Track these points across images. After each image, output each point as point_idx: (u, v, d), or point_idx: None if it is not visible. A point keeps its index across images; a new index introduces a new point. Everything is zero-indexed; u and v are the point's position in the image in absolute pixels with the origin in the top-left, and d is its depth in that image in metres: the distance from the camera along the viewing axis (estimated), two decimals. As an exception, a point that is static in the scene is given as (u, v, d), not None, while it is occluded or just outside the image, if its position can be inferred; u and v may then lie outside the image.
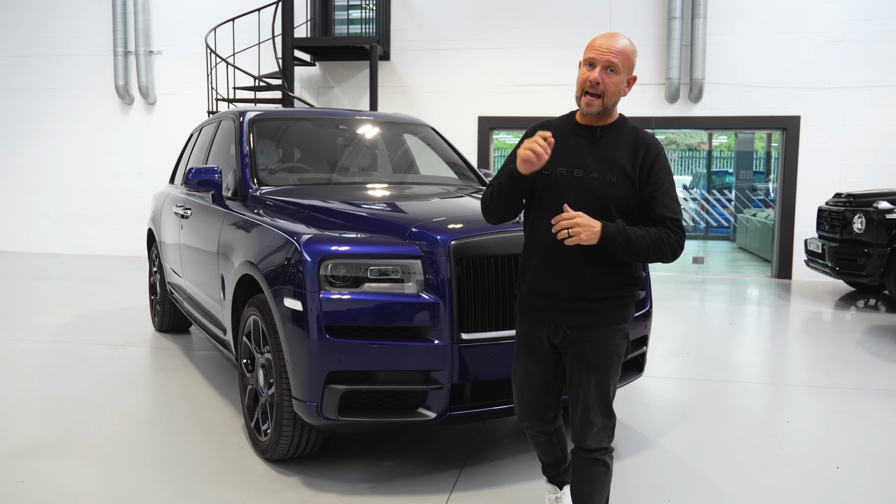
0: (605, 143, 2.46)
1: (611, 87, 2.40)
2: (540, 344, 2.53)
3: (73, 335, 6.14)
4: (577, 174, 2.43)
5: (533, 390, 2.61)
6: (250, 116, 4.80)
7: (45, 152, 11.89)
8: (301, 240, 3.23)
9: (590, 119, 2.48)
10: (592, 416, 2.46)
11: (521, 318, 2.61)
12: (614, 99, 2.42)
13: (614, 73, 2.40)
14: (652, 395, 4.73)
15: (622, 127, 2.50)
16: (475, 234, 3.21)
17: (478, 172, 5.18)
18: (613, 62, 2.39)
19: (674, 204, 2.44)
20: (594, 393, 2.45)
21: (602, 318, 2.45)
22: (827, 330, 6.88)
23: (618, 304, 2.48)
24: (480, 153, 10.76)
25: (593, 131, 2.48)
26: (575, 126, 2.53)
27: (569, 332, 2.46)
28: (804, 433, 4.09)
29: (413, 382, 3.14)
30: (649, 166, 2.43)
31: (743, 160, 17.69)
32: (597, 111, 2.42)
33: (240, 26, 10.22)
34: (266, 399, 3.52)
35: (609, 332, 2.46)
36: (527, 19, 10.50)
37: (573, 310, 2.45)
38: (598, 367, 2.44)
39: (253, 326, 3.63)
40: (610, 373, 2.46)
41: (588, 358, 2.44)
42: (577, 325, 2.45)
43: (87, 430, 3.97)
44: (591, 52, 2.42)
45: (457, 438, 3.89)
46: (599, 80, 2.39)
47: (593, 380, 2.44)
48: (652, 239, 2.37)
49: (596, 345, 2.45)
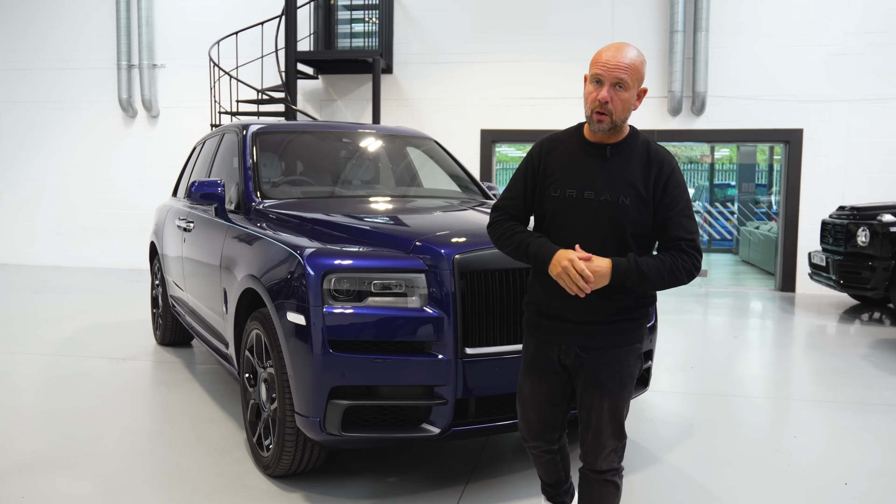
0: (616, 162, 2.35)
1: (620, 105, 2.28)
2: (549, 363, 2.47)
3: (74, 348, 6.12)
4: (587, 196, 2.33)
5: (539, 410, 2.54)
6: (254, 129, 4.79)
7: (48, 165, 11.91)
8: (304, 253, 3.21)
9: (600, 136, 2.36)
10: (604, 439, 2.41)
11: (529, 336, 2.53)
12: (625, 115, 2.31)
13: (623, 90, 2.27)
14: (657, 410, 4.69)
15: (633, 143, 2.39)
16: (479, 248, 3.19)
17: (481, 185, 5.17)
18: (622, 78, 2.26)
19: (690, 223, 2.34)
20: (607, 415, 2.39)
21: (616, 339, 2.39)
22: (831, 343, 6.84)
23: (631, 325, 2.41)
24: (483, 166, 10.76)
25: (603, 150, 2.37)
26: (583, 143, 2.40)
27: (581, 354, 2.39)
28: (811, 449, 4.05)
29: (417, 398, 3.12)
30: (663, 185, 2.33)
31: (745, 173, 17.71)
32: (607, 128, 2.31)
33: (243, 40, 10.26)
34: (268, 414, 3.49)
35: (623, 353, 2.40)
36: (529, 32, 10.53)
37: (585, 332, 2.38)
38: (611, 389, 2.39)
39: (255, 341, 3.61)
40: (623, 394, 2.41)
41: (601, 380, 2.38)
42: (589, 346, 2.38)
43: (88, 444, 3.95)
44: (597, 68, 2.28)
45: (461, 454, 3.85)
46: (608, 99, 2.26)
47: (606, 402, 2.38)
48: (667, 268, 2.28)
49: (609, 366, 2.38)
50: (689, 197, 2.40)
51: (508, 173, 19.90)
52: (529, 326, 2.53)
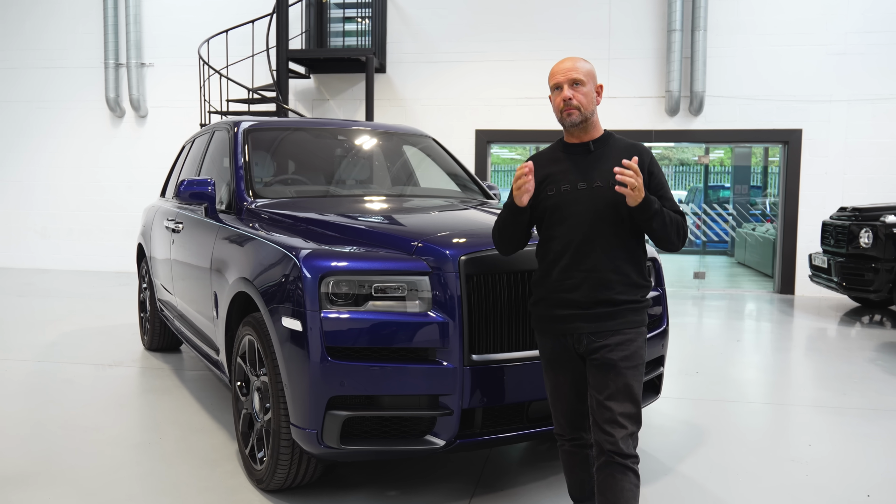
0: (600, 154, 2.61)
1: (583, 98, 2.57)
2: (566, 355, 2.60)
3: (59, 354, 5.90)
4: (580, 187, 2.56)
5: (566, 400, 2.66)
6: (245, 126, 4.60)
7: (35, 166, 11.66)
8: (300, 255, 3.03)
9: (579, 135, 2.63)
10: (621, 419, 2.46)
11: (542, 334, 2.67)
12: (591, 107, 2.59)
13: (581, 86, 2.58)
14: (665, 417, 4.53)
15: (611, 139, 2.67)
16: (486, 249, 3.02)
17: (481, 184, 4.99)
18: (576, 77, 2.57)
19: (673, 201, 2.63)
20: (622, 395, 2.47)
21: (624, 321, 2.53)
22: (837, 347, 6.70)
23: (636, 307, 2.57)
24: (478, 167, 10.59)
25: (586, 146, 2.63)
26: (567, 147, 2.67)
27: (593, 339, 2.52)
28: (828, 458, 3.89)
29: (420, 408, 2.94)
30: (648, 169, 2.59)
31: (740, 175, 17.59)
32: (578, 120, 2.58)
33: (233, 38, 10.06)
34: (262, 425, 3.30)
35: (632, 334, 2.54)
36: (525, 31, 10.38)
37: (595, 316, 2.52)
38: (623, 368, 2.49)
39: (248, 347, 3.42)
40: (635, 374, 2.51)
41: (614, 359, 2.49)
42: (600, 330, 2.52)
43: (72, 457, 3.74)
44: (554, 78, 2.60)
45: (465, 466, 3.67)
46: (571, 96, 2.56)
47: (621, 381, 2.48)
48: (671, 217, 2.56)
49: (620, 346, 2.50)
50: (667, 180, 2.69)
51: (503, 175, 19.74)
52: (541, 323, 2.65)
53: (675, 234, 2.56)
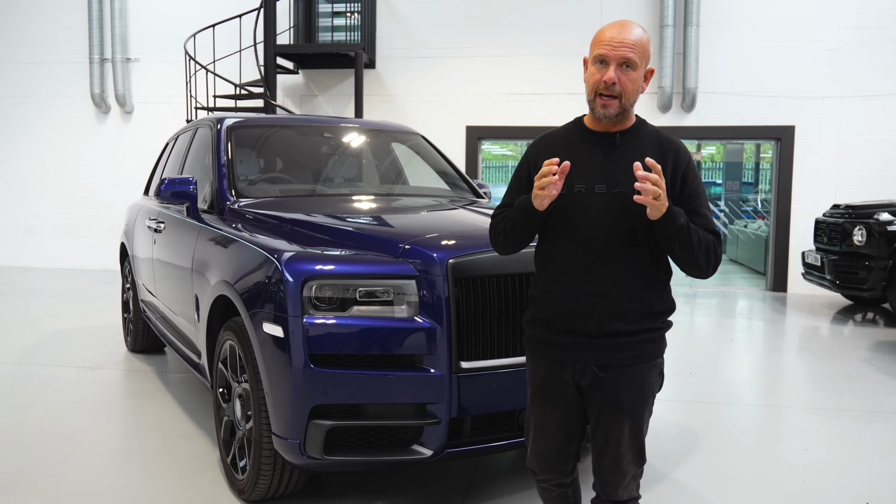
0: (627, 150, 2.10)
1: (629, 86, 2.04)
2: (561, 387, 2.18)
3: (39, 356, 5.76)
4: (598, 190, 2.07)
5: (551, 440, 2.24)
6: (229, 123, 4.48)
7: (21, 163, 11.46)
8: (282, 258, 2.91)
9: (605, 124, 2.12)
10: (625, 465, 2.17)
11: (535, 356, 2.24)
12: (633, 98, 2.07)
13: (631, 70, 2.03)
14: (658, 421, 4.43)
15: (643, 130, 2.15)
16: (476, 252, 2.91)
17: (471, 182, 4.89)
18: (629, 57, 2.02)
19: (709, 219, 2.13)
20: (628, 440, 2.15)
21: (637, 354, 2.12)
22: (831, 346, 6.62)
23: (653, 337, 2.15)
24: (468, 163, 10.47)
25: (611, 138, 2.12)
26: (587, 134, 2.15)
27: (599, 373, 2.12)
28: (825, 463, 3.81)
29: (407, 417, 2.83)
30: (682, 176, 2.10)
31: (731, 171, 17.55)
32: (615, 114, 2.06)
33: (220, 33, 9.90)
34: (244, 433, 3.19)
35: (644, 370, 2.14)
36: (515, 26, 10.26)
37: (604, 346, 2.10)
38: (632, 410, 2.14)
39: (229, 352, 3.30)
40: (645, 415, 2.18)
41: (622, 401, 2.12)
42: (608, 363, 2.11)
43: (47, 465, 3.62)
44: (601, 48, 2.04)
45: (453, 474, 3.56)
46: (615, 80, 2.02)
47: (627, 425, 2.14)
48: (704, 238, 2.06)
49: (631, 386, 2.13)
50: (705, 190, 2.17)
51: (494, 172, 19.61)
52: (536, 345, 2.23)
53: (703, 258, 2.05)
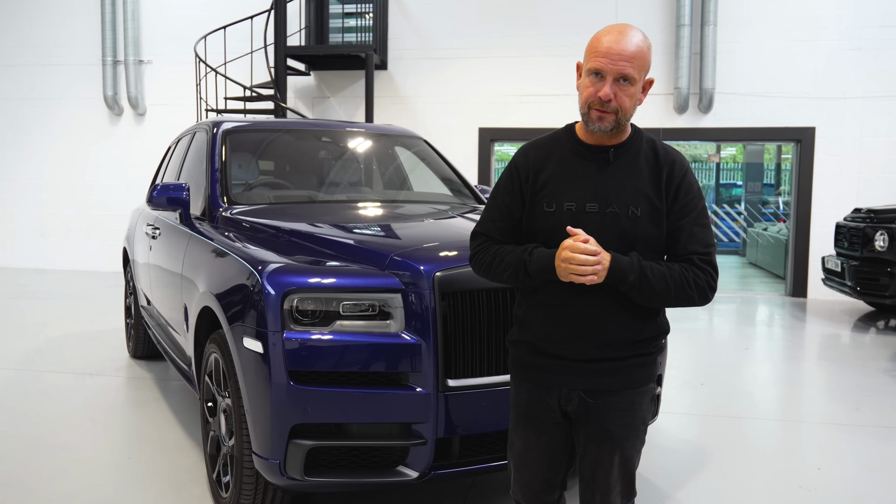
0: (621, 166, 1.97)
1: (626, 102, 1.90)
2: (546, 412, 2.04)
3: (39, 362, 5.71)
4: (590, 209, 1.93)
5: (535, 468, 2.10)
6: (225, 128, 4.38)
7: (30, 164, 11.49)
8: (263, 270, 2.80)
9: (598, 137, 1.98)
10: (613, 498, 2.04)
11: (519, 379, 2.10)
12: (630, 113, 1.94)
13: (629, 84, 1.89)
14: (664, 436, 4.28)
15: (638, 142, 2.01)
16: (465, 265, 2.78)
17: (474, 189, 4.75)
18: (627, 73, 1.87)
19: (705, 234, 1.97)
20: (617, 471, 2.02)
21: (627, 379, 1.99)
22: (850, 356, 6.41)
23: (644, 362, 2.02)
24: (481, 166, 10.34)
25: (604, 153, 1.98)
26: (579, 146, 2.01)
27: (586, 398, 1.98)
28: (839, 483, 3.63)
29: (392, 437, 2.71)
30: (675, 189, 1.96)
31: (752, 172, 17.24)
32: (609, 128, 1.92)
33: (231, 35, 9.84)
34: (228, 450, 3.08)
35: (635, 395, 2.01)
36: (529, 27, 10.10)
37: (591, 370, 1.97)
38: (622, 439, 2.00)
39: (214, 365, 3.20)
40: (636, 444, 2.04)
41: (611, 429, 1.99)
42: (596, 388, 1.98)
43: (32, 478, 3.53)
44: (597, 60, 1.89)
45: (445, 493, 3.43)
46: (611, 97, 1.88)
47: (617, 455, 2.01)
48: (675, 278, 1.90)
49: (620, 413, 2.00)
50: (704, 204, 2.01)
51: (509, 173, 19.42)
52: (520, 368, 2.09)
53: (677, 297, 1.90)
